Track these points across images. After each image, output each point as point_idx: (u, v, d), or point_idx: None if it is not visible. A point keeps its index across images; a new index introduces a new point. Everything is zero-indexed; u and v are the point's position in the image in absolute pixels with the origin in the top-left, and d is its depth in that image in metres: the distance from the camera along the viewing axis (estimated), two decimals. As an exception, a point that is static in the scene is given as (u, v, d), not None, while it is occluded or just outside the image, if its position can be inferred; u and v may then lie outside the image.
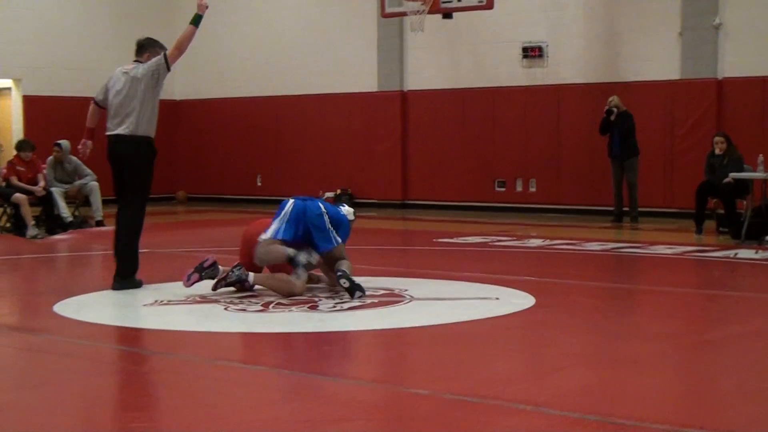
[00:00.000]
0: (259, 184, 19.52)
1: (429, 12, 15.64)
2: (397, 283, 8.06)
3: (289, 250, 7.39)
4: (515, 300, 7.36)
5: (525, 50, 16.38)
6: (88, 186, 13.81)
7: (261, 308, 7.03)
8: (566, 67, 16.16)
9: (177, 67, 21.08)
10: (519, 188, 16.74)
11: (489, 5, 15.20)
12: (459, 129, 17.21)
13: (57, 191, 13.53)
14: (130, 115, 7.92)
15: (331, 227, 7.59)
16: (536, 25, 16.36)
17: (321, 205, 7.69)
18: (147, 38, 8.24)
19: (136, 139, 7.94)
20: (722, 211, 12.60)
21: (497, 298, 7.48)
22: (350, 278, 7.33)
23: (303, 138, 19.01)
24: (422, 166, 17.71)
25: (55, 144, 13.91)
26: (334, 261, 7.58)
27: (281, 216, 7.58)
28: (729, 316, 7.16)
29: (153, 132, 8.03)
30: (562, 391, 4.79)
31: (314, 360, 5.75)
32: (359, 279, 7.50)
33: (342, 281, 7.31)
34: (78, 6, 19.51)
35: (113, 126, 8.00)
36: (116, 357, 5.74)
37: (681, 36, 15.15)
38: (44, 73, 18.73)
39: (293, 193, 8.16)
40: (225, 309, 7.03)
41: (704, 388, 5.01)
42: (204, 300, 7.36)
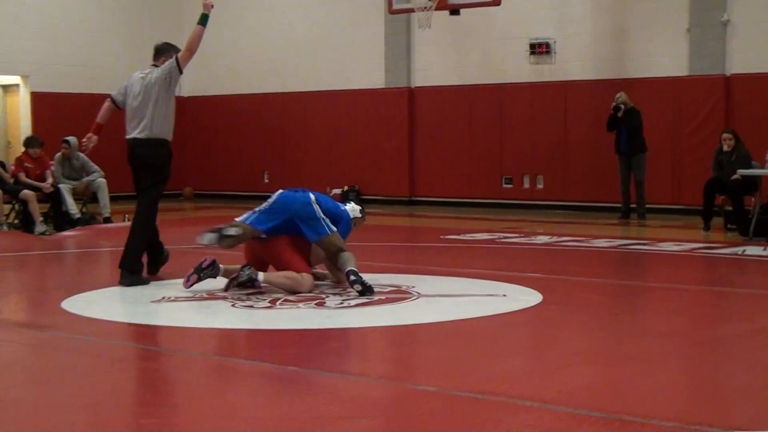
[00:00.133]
0: (266, 181, 19.53)
1: (436, 8, 15.65)
2: (404, 280, 8.06)
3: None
4: (522, 297, 7.36)
5: (532, 47, 16.37)
6: (96, 183, 13.83)
7: (268, 305, 7.04)
8: (573, 64, 16.14)
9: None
10: (526, 185, 16.73)
11: (496, 2, 15.20)
12: (466, 125, 17.21)
13: (65, 188, 13.55)
14: (146, 119, 8.06)
15: (324, 217, 7.55)
16: (543, 22, 16.34)
17: (311, 195, 7.67)
18: (164, 43, 8.35)
19: (153, 142, 8.08)
20: (730, 208, 12.58)
21: (504, 295, 7.48)
22: (363, 282, 7.30)
23: (310, 134, 19.01)
24: (429, 163, 17.71)
25: (63, 140, 13.94)
26: (334, 253, 7.54)
27: (262, 206, 7.64)
28: (737, 314, 7.15)
29: (169, 134, 8.17)
30: (569, 388, 4.79)
31: (321, 357, 5.75)
32: (366, 276, 7.50)
33: (356, 286, 7.28)
34: (86, 3, 19.55)
35: (131, 129, 8.17)
36: (124, 354, 5.75)
37: (689, 32, 15.12)
38: (52, 70, 18.77)
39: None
40: (232, 306, 7.04)
41: (712, 386, 5.00)
42: (211, 297, 7.37)
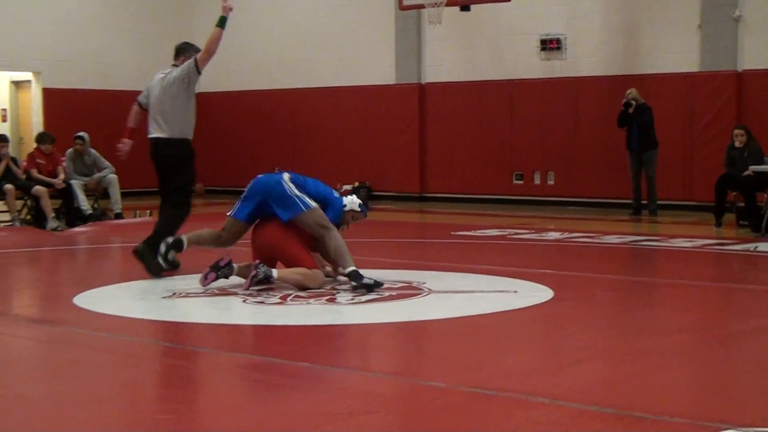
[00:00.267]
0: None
1: (447, 4, 15.62)
2: (415, 276, 8.06)
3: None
4: (533, 293, 7.35)
5: (543, 42, 16.33)
6: (107, 179, 13.87)
7: (279, 301, 7.05)
8: (584, 60, 16.11)
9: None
10: (537, 181, 16.70)
11: (507, -3, 15.16)
12: (477, 122, 17.19)
13: (76, 184, 13.59)
14: (166, 118, 8.18)
15: (300, 195, 7.47)
16: (554, 18, 16.31)
17: (285, 175, 7.62)
18: (184, 42, 8.47)
19: (173, 141, 8.18)
20: (742, 204, 12.54)
21: (515, 291, 7.47)
22: (367, 284, 7.27)
23: (321, 131, 19.02)
24: (440, 159, 17.69)
25: (77, 137, 13.95)
26: (316, 231, 7.45)
27: (242, 195, 7.69)
28: (749, 310, 7.12)
29: (190, 133, 8.26)
30: (581, 385, 4.79)
31: (332, 353, 5.77)
32: (377, 273, 7.50)
33: (358, 291, 7.26)
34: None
35: (152, 129, 8.27)
36: (136, 349, 5.76)
37: (700, 28, 15.07)
38: (64, 66, 18.81)
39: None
40: (243, 301, 7.05)
41: (724, 382, 4.99)
42: (222, 292, 7.39)
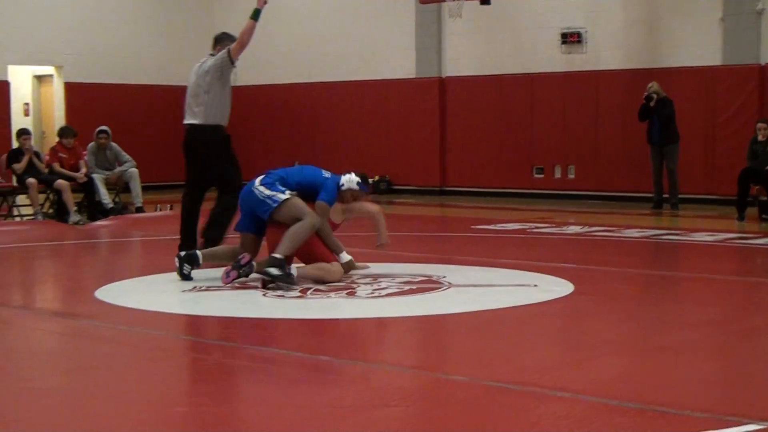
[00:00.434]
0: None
1: (467, -2, 15.59)
2: (436, 270, 8.06)
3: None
4: (554, 287, 7.33)
5: (564, 36, 16.27)
6: (128, 172, 13.91)
7: (299, 294, 7.06)
8: (605, 53, 16.04)
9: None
10: (557, 175, 16.65)
11: (528, -9, 15.11)
12: (497, 115, 17.15)
13: (98, 177, 13.65)
14: (200, 106, 8.20)
15: (270, 195, 7.38)
16: (575, 11, 16.24)
17: (257, 180, 7.51)
18: (222, 33, 8.56)
19: (205, 128, 8.19)
20: (765, 198, 12.48)
21: (536, 285, 7.46)
22: (270, 271, 7.15)
23: (340, 125, 19.02)
24: (460, 153, 17.67)
25: (101, 130, 13.98)
26: (292, 222, 7.34)
27: None
28: (771, 304, 7.09)
29: (224, 121, 8.31)
30: (601, 379, 4.78)
31: (353, 346, 5.77)
32: (398, 266, 7.48)
33: (271, 270, 7.17)
34: (118, -6, 19.67)
35: (187, 116, 8.37)
36: (157, 343, 5.78)
37: (722, 21, 14.97)
38: (86, 60, 18.90)
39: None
40: (263, 295, 7.07)
41: (745, 377, 4.96)
42: (242, 286, 7.39)
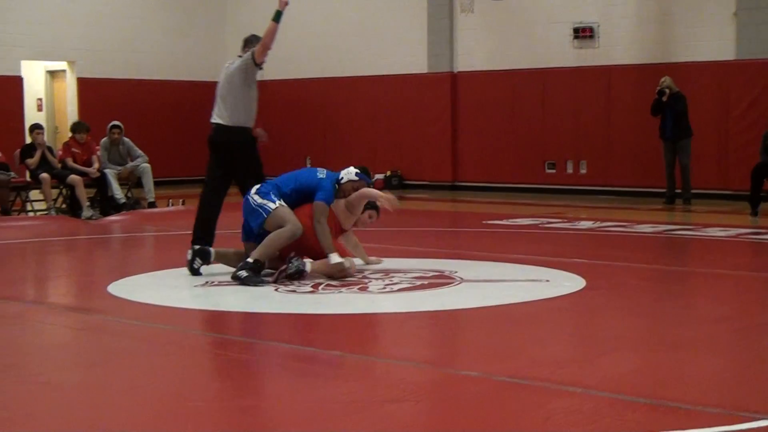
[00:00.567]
0: (309, 166, 19.57)
1: (479, -7, 15.57)
2: (447, 265, 8.06)
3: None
4: (566, 282, 7.32)
5: (576, 31, 16.23)
6: (141, 168, 13.94)
7: (311, 289, 7.07)
8: (617, 48, 15.99)
9: (227, 50, 21.08)
10: (569, 170, 16.62)
11: (540, -15, 15.08)
12: (509, 110, 17.12)
13: (110, 173, 13.68)
14: (225, 106, 8.24)
15: (261, 202, 7.47)
16: (587, 6, 16.19)
17: (253, 189, 7.63)
18: (252, 35, 8.61)
19: (230, 129, 8.21)
20: (778, 193, 12.44)
21: (547, 281, 7.45)
22: (243, 275, 7.23)
23: (353, 120, 19.03)
24: (472, 148, 17.65)
25: (114, 125, 14.00)
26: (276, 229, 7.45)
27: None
28: (783, 300, 7.07)
29: (250, 122, 8.32)
30: (613, 374, 4.77)
31: (364, 341, 5.78)
32: (410, 261, 7.49)
33: (240, 273, 7.25)
34: (131, -11, 19.71)
35: (214, 115, 8.42)
36: (169, 337, 5.80)
37: (736, 16, 14.91)
38: (99, 56, 18.94)
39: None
40: (275, 290, 7.08)
41: (757, 372, 4.94)
42: (255, 281, 7.40)
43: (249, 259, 7.33)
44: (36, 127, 13.78)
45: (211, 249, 7.78)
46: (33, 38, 18.16)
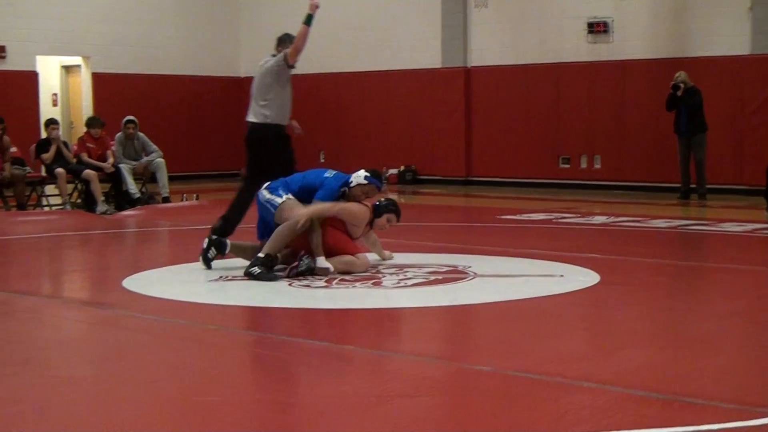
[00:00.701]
0: (323, 161, 19.57)
1: (493, -13, 15.54)
2: (461, 260, 8.05)
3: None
4: (580, 277, 7.31)
5: (590, 25, 16.20)
6: (155, 163, 13.98)
7: (325, 284, 7.08)
8: (632, 43, 15.94)
9: (241, 44, 21.06)
10: (584, 165, 16.59)
11: (554, -20, 15.04)
12: (523, 105, 17.10)
13: (125, 168, 13.72)
14: (259, 104, 8.37)
15: (269, 197, 7.54)
16: (601, 1, 16.15)
17: (264, 187, 7.69)
18: (285, 33, 8.69)
19: (263, 126, 8.33)
20: (793, 189, 12.37)
21: (561, 276, 7.44)
22: (255, 271, 7.24)
23: (366, 114, 19.03)
24: (486, 143, 17.64)
25: (129, 120, 14.04)
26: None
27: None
28: (799, 295, 7.03)
29: (284, 120, 8.42)
30: (627, 369, 4.76)
31: (377, 336, 5.78)
32: (423, 257, 7.48)
33: (253, 269, 7.27)
34: (145, -16, 19.74)
35: (249, 113, 8.53)
36: (184, 332, 5.82)
37: (751, 10, 14.84)
38: (113, 51, 18.99)
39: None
40: (289, 285, 7.09)
41: (772, 368, 4.94)
42: (269, 276, 7.41)
43: (260, 254, 7.35)
44: (51, 122, 13.84)
45: (228, 241, 7.82)
46: (48, 33, 18.22)
